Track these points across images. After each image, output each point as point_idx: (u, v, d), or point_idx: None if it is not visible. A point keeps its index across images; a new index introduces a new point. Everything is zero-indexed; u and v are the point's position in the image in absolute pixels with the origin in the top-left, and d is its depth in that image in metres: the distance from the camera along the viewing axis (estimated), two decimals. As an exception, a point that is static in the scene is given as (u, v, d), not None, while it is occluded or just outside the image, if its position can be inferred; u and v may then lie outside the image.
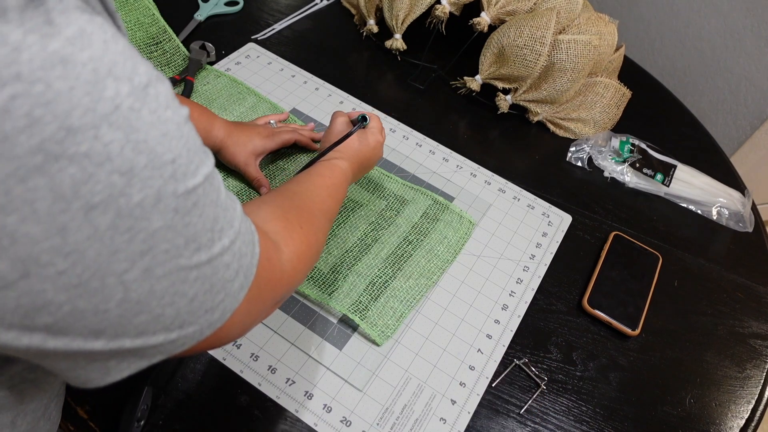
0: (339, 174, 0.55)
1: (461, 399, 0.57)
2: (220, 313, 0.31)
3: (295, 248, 0.41)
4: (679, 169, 0.85)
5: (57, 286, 0.22)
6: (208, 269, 0.28)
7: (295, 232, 0.42)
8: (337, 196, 0.53)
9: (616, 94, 0.88)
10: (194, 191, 0.26)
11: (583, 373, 0.62)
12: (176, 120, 0.25)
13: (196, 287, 0.28)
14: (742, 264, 0.77)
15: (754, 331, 0.70)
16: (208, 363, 0.55)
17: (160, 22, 0.79)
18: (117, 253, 0.24)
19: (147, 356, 0.30)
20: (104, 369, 0.29)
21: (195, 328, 0.30)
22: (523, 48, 0.78)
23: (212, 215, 0.28)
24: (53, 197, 0.21)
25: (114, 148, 0.22)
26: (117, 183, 0.22)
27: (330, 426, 0.53)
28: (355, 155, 0.59)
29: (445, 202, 0.72)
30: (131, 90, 0.23)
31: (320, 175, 0.53)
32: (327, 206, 0.50)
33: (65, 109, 0.20)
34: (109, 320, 0.25)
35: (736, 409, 0.62)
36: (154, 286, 0.26)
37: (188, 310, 0.28)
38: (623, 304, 0.67)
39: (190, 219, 0.26)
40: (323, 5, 1.01)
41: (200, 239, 0.27)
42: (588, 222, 0.77)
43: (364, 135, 0.61)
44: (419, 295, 0.63)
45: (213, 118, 0.65)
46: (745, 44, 1.39)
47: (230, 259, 0.30)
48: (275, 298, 0.39)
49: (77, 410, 0.51)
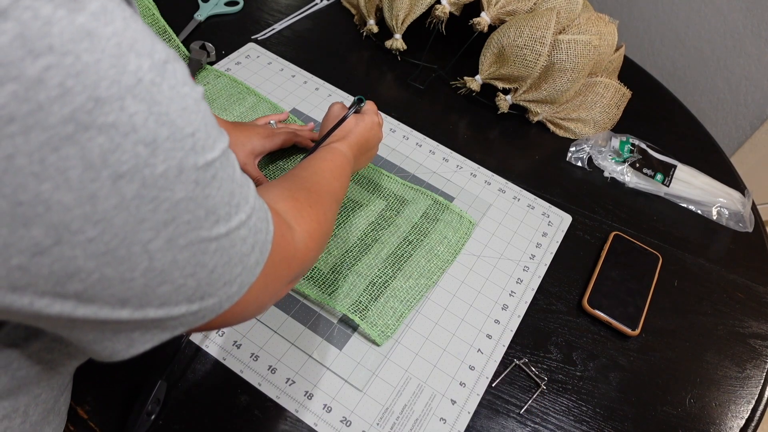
0: (340, 157, 0.56)
1: (461, 399, 0.57)
2: (238, 286, 0.32)
3: (306, 226, 0.42)
4: (679, 169, 0.85)
5: (87, 253, 0.23)
6: (226, 242, 0.29)
7: (304, 211, 0.44)
8: (341, 178, 0.54)
9: (616, 94, 0.88)
10: (212, 164, 0.27)
11: (583, 373, 0.62)
12: (194, 96, 0.26)
13: (215, 259, 0.29)
14: (742, 264, 0.77)
15: (754, 331, 0.70)
16: (208, 363, 0.55)
17: (161, 22, 0.79)
18: (143, 222, 0.25)
19: (169, 328, 0.31)
20: (129, 340, 0.30)
21: (214, 301, 0.31)
22: (523, 48, 0.78)
23: (229, 189, 0.29)
24: (84, 166, 0.22)
25: (138, 120, 0.23)
26: (142, 153, 0.23)
27: (330, 426, 0.53)
28: (353, 137, 0.60)
29: (445, 202, 0.72)
30: (152, 65, 0.24)
31: (322, 159, 0.54)
32: (332, 188, 0.51)
33: (93, 81, 0.21)
34: (135, 289, 0.26)
35: (736, 409, 0.62)
36: (176, 256, 0.27)
37: (208, 281, 0.29)
38: (623, 304, 0.67)
39: (210, 191, 0.27)
40: (323, 5, 1.01)
41: (219, 212, 0.28)
42: (588, 222, 0.77)
43: (360, 117, 0.62)
44: (419, 295, 0.63)
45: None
46: (745, 44, 1.39)
47: (246, 233, 0.31)
48: (290, 276, 0.40)
49: (77, 410, 0.51)
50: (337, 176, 0.54)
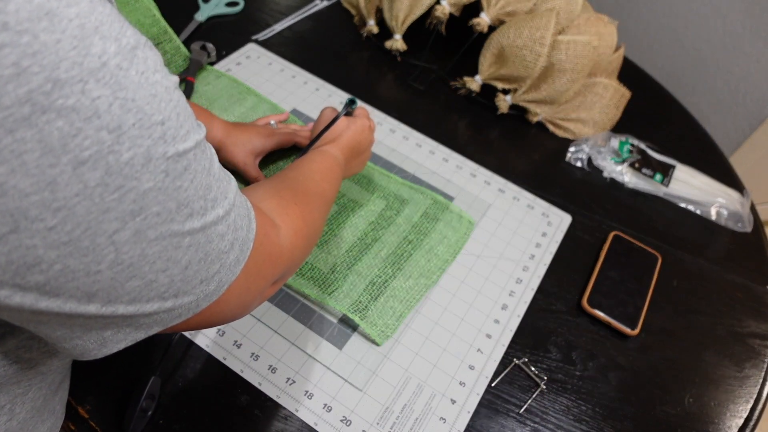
0: (330, 159, 0.56)
1: (461, 398, 0.57)
2: (216, 284, 0.31)
3: (291, 224, 0.42)
4: (678, 170, 0.85)
5: (47, 242, 0.23)
6: (201, 237, 0.29)
7: (290, 208, 0.43)
8: (331, 180, 0.54)
9: (616, 94, 0.88)
10: (185, 155, 0.27)
11: (582, 372, 0.62)
12: (165, 84, 0.26)
13: (189, 255, 0.28)
14: (740, 264, 0.77)
15: (752, 331, 0.70)
16: (209, 363, 0.56)
17: (161, 22, 0.79)
18: (107, 212, 0.24)
19: (143, 327, 0.30)
20: (100, 339, 0.29)
21: (191, 299, 0.30)
22: (522, 48, 0.79)
23: (205, 183, 0.28)
24: (42, 150, 0.21)
25: (102, 104, 0.22)
26: (106, 139, 0.23)
27: (330, 425, 0.53)
28: (344, 140, 0.60)
29: (445, 201, 0.73)
30: (118, 49, 0.23)
31: (311, 161, 0.54)
32: (321, 188, 0.51)
33: (52, 61, 0.21)
34: (102, 283, 0.25)
35: (735, 409, 0.62)
36: (146, 249, 0.26)
37: (182, 278, 0.29)
38: (623, 304, 0.67)
39: (181, 183, 0.27)
40: (323, 6, 1.01)
41: (192, 205, 0.28)
42: (587, 222, 0.77)
43: (352, 120, 0.62)
44: (419, 295, 0.63)
45: (212, 118, 0.66)
46: (743, 45, 1.39)
47: (225, 229, 0.30)
48: (274, 275, 0.39)
49: (78, 409, 0.51)
50: (327, 178, 0.53)
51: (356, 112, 0.64)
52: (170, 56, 0.80)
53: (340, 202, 0.70)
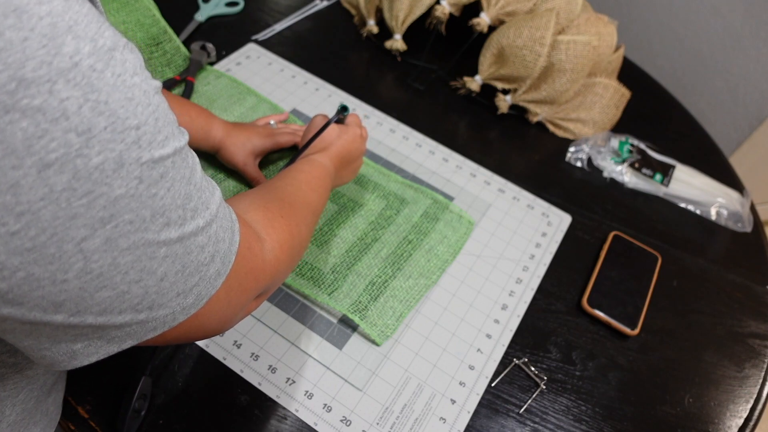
0: (319, 168, 0.55)
1: (461, 398, 0.57)
2: (195, 297, 0.30)
3: (276, 237, 0.41)
4: (678, 170, 0.85)
5: (9, 248, 0.22)
6: (179, 248, 0.28)
7: (275, 221, 0.42)
8: (319, 190, 0.53)
9: (615, 94, 0.88)
10: (161, 162, 0.26)
11: (582, 372, 0.62)
12: (144, 88, 0.25)
13: (165, 266, 0.27)
14: (740, 264, 0.77)
15: (752, 331, 0.70)
16: (208, 362, 0.56)
17: (161, 22, 0.79)
18: (75, 218, 0.23)
19: (115, 340, 0.29)
20: (70, 352, 0.28)
21: (166, 312, 0.29)
22: (522, 48, 0.79)
23: (184, 192, 0.28)
24: (3, 151, 0.20)
25: (71, 106, 0.22)
26: (74, 142, 0.22)
27: (330, 425, 0.53)
28: (335, 149, 0.58)
29: (445, 201, 0.73)
30: (93, 50, 0.22)
31: (299, 171, 0.53)
32: (309, 199, 0.50)
33: (18, 60, 0.20)
34: (69, 292, 0.24)
35: (734, 409, 0.62)
36: (117, 258, 0.25)
37: (158, 290, 0.28)
38: (622, 304, 0.67)
39: (157, 191, 0.26)
40: (323, 6, 1.01)
41: (169, 215, 0.27)
42: (587, 222, 0.77)
43: (343, 129, 0.61)
44: (419, 295, 0.63)
45: (212, 118, 0.66)
46: (743, 45, 1.39)
47: (205, 241, 0.30)
48: (257, 289, 0.38)
49: (78, 409, 0.51)
50: (315, 188, 0.52)
51: (348, 119, 0.63)
52: (170, 56, 0.80)
53: (339, 202, 0.70)
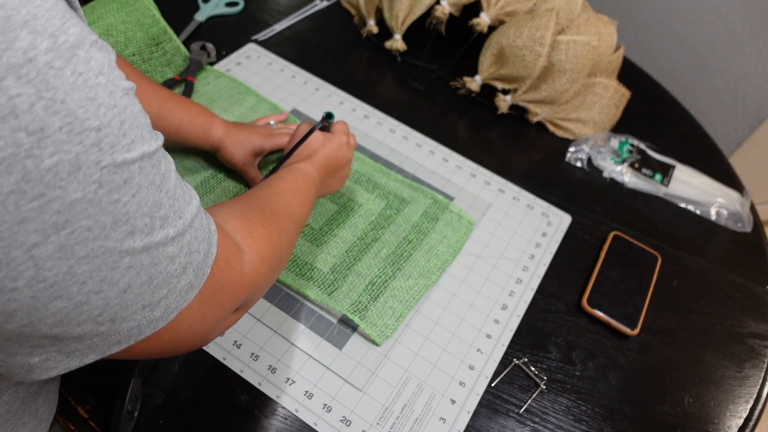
0: (302, 176, 0.54)
1: (461, 398, 0.57)
2: (163, 310, 0.29)
3: (256, 248, 0.39)
4: (678, 170, 0.85)
5: None
6: (145, 258, 0.26)
7: (256, 231, 0.41)
8: (303, 199, 0.51)
9: (615, 94, 0.88)
10: (126, 167, 0.24)
11: (582, 372, 0.62)
12: (110, 88, 0.24)
13: (129, 276, 0.26)
14: (740, 264, 0.77)
15: (752, 331, 0.70)
16: (208, 363, 0.56)
17: (161, 22, 0.79)
18: (25, 222, 0.22)
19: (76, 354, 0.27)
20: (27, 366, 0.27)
21: (131, 325, 0.28)
22: (522, 48, 0.79)
23: (153, 199, 0.26)
24: None
25: (21, 103, 0.21)
26: (23, 142, 0.21)
27: (330, 425, 0.53)
28: (319, 157, 0.57)
29: (445, 201, 0.73)
30: (52, 46, 0.21)
31: (282, 179, 0.52)
32: (292, 208, 0.48)
33: None
34: (20, 301, 0.23)
35: (734, 409, 0.62)
36: (74, 267, 0.24)
37: (120, 302, 0.26)
38: (622, 304, 0.67)
39: (120, 197, 0.24)
40: (323, 6, 1.01)
41: (134, 222, 0.25)
42: (587, 222, 0.77)
43: (329, 137, 0.60)
44: (419, 295, 0.63)
45: (212, 117, 0.66)
46: (743, 45, 1.39)
47: (176, 251, 0.28)
48: (235, 303, 0.37)
49: (78, 409, 0.51)
50: (298, 197, 0.51)
51: (335, 127, 0.62)
52: (170, 56, 0.80)
53: (339, 202, 0.70)
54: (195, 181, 0.69)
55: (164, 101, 0.60)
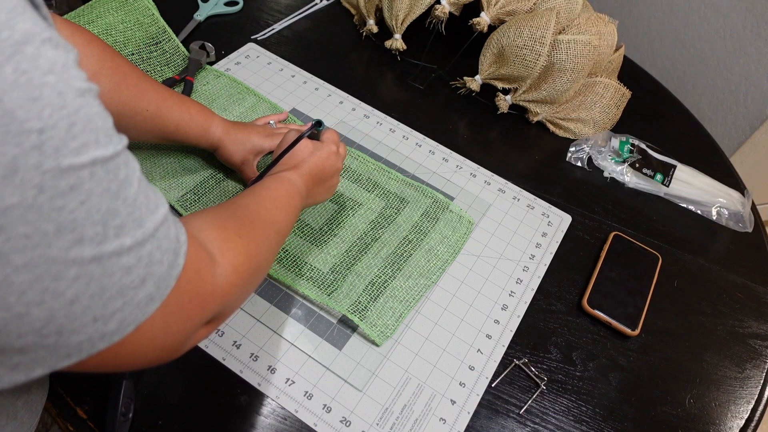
0: (287, 185, 0.52)
1: (461, 399, 0.57)
2: (118, 323, 0.27)
3: (231, 259, 0.38)
4: (679, 169, 0.85)
5: None
6: (95, 269, 0.25)
7: (232, 241, 0.39)
8: (286, 208, 0.50)
9: (616, 94, 0.88)
10: (73, 172, 0.23)
11: (582, 373, 0.62)
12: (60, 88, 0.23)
13: (77, 288, 0.25)
14: (741, 264, 0.77)
15: (753, 332, 0.70)
16: (208, 363, 0.55)
17: (160, 22, 0.79)
18: None
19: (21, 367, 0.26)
20: None
21: (81, 338, 0.26)
22: (522, 48, 0.78)
23: (106, 207, 0.25)
24: None
25: None
26: None
27: (330, 426, 0.53)
28: (307, 167, 0.56)
29: (445, 201, 0.72)
30: None
31: (266, 188, 0.50)
32: (273, 218, 0.47)
33: None
34: None
35: (735, 410, 0.62)
36: (10, 276, 0.23)
37: (67, 314, 0.25)
38: (623, 305, 0.67)
39: (65, 203, 0.23)
40: (323, 5, 1.01)
41: (83, 231, 0.24)
42: (588, 222, 0.77)
43: (318, 146, 0.58)
44: (419, 295, 0.63)
45: (211, 116, 0.65)
46: (744, 44, 1.39)
47: (133, 262, 0.27)
48: (205, 316, 0.35)
49: (77, 410, 0.51)
50: (281, 206, 0.49)
51: (324, 136, 0.61)
52: (169, 56, 0.80)
53: (339, 201, 0.70)
54: (194, 180, 0.68)
55: (163, 100, 0.60)
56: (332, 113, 0.82)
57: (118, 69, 0.56)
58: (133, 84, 0.57)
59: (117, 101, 0.56)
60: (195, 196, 0.67)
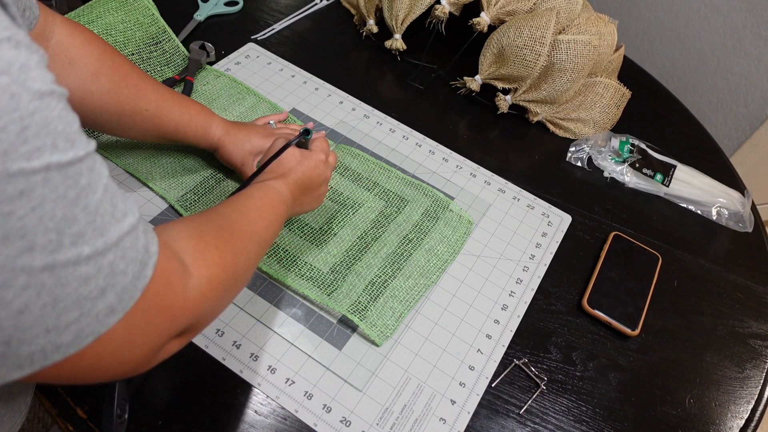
0: (272, 194, 0.51)
1: (461, 399, 0.57)
2: (73, 335, 0.26)
3: (206, 271, 0.37)
4: (679, 169, 0.85)
5: None
6: (47, 278, 0.24)
7: (208, 252, 0.38)
8: (270, 218, 0.48)
9: (616, 94, 0.88)
10: (23, 177, 0.22)
11: (582, 373, 0.62)
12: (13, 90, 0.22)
13: (26, 297, 0.24)
14: (741, 264, 0.77)
15: (753, 331, 0.70)
16: (208, 363, 0.55)
17: (160, 22, 0.78)
18: None
19: None
20: None
21: (33, 349, 0.25)
22: (522, 48, 0.78)
23: (61, 214, 0.24)
24: None
25: None
26: None
27: (330, 426, 0.53)
28: (294, 176, 0.55)
29: (445, 200, 0.72)
30: None
31: (249, 197, 0.49)
32: (255, 228, 0.46)
33: None
34: None
35: (735, 410, 0.62)
36: None
37: (15, 324, 0.24)
38: (623, 305, 0.67)
39: (13, 209, 0.22)
40: (323, 5, 1.01)
41: (33, 238, 0.23)
42: (588, 222, 0.77)
43: (306, 154, 0.57)
44: (418, 295, 0.63)
45: (211, 116, 0.65)
46: (744, 44, 1.39)
47: (92, 272, 0.26)
48: (174, 329, 0.34)
49: (77, 410, 0.51)
50: (265, 216, 0.48)
51: (313, 144, 0.59)
52: (169, 56, 0.80)
53: (339, 201, 0.70)
54: (194, 180, 0.68)
55: (163, 100, 0.60)
56: (332, 113, 0.82)
57: (118, 68, 0.56)
58: (133, 83, 0.57)
59: (116, 100, 0.56)
60: (195, 196, 0.67)
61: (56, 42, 0.52)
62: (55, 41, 0.51)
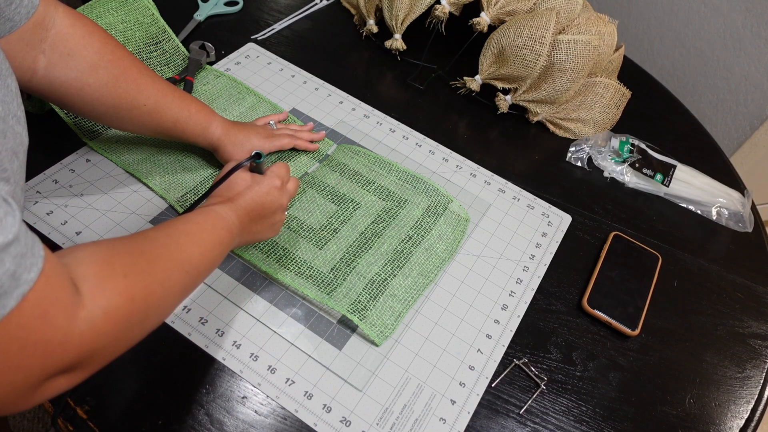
0: (214, 219, 0.48)
1: (461, 399, 0.57)
2: None
3: (104, 302, 0.33)
4: (679, 169, 0.85)
5: None
6: None
7: (111, 281, 0.34)
8: (206, 245, 0.45)
9: (616, 94, 0.88)
10: None
11: (582, 373, 0.62)
12: None
13: None
14: (741, 264, 0.77)
15: (753, 331, 0.70)
16: (207, 363, 0.55)
17: (160, 22, 0.78)
18: None
19: None
20: None
21: None
22: (522, 48, 0.78)
23: None
24: None
25: None
26: None
27: (330, 426, 0.53)
28: (243, 201, 0.52)
29: (447, 197, 0.72)
30: None
31: (187, 221, 0.45)
32: (186, 255, 0.42)
33: None
34: None
35: (735, 410, 0.62)
36: None
37: None
38: (623, 304, 0.67)
39: None
40: (323, 5, 1.01)
41: None
42: (588, 222, 0.77)
43: (258, 179, 0.55)
44: (418, 295, 0.63)
45: (212, 115, 0.65)
46: (744, 44, 1.39)
47: None
48: (50, 366, 0.30)
49: (76, 410, 0.51)
50: (200, 242, 0.44)
51: (269, 169, 0.56)
52: (169, 56, 0.80)
53: (339, 201, 0.70)
54: (194, 180, 0.68)
55: (163, 96, 0.60)
56: (332, 113, 0.82)
57: (118, 62, 0.56)
58: (132, 78, 0.57)
59: (114, 94, 0.56)
60: (195, 196, 0.67)
61: (56, 32, 0.51)
62: (55, 31, 0.51)
